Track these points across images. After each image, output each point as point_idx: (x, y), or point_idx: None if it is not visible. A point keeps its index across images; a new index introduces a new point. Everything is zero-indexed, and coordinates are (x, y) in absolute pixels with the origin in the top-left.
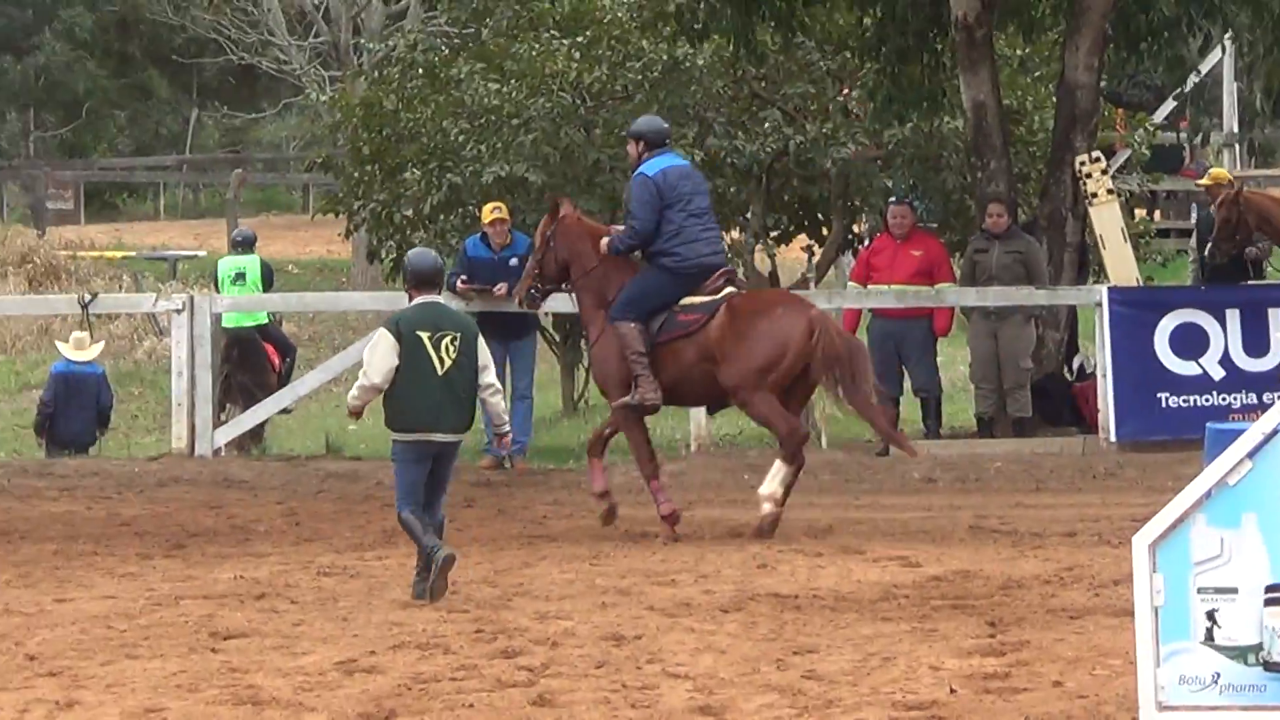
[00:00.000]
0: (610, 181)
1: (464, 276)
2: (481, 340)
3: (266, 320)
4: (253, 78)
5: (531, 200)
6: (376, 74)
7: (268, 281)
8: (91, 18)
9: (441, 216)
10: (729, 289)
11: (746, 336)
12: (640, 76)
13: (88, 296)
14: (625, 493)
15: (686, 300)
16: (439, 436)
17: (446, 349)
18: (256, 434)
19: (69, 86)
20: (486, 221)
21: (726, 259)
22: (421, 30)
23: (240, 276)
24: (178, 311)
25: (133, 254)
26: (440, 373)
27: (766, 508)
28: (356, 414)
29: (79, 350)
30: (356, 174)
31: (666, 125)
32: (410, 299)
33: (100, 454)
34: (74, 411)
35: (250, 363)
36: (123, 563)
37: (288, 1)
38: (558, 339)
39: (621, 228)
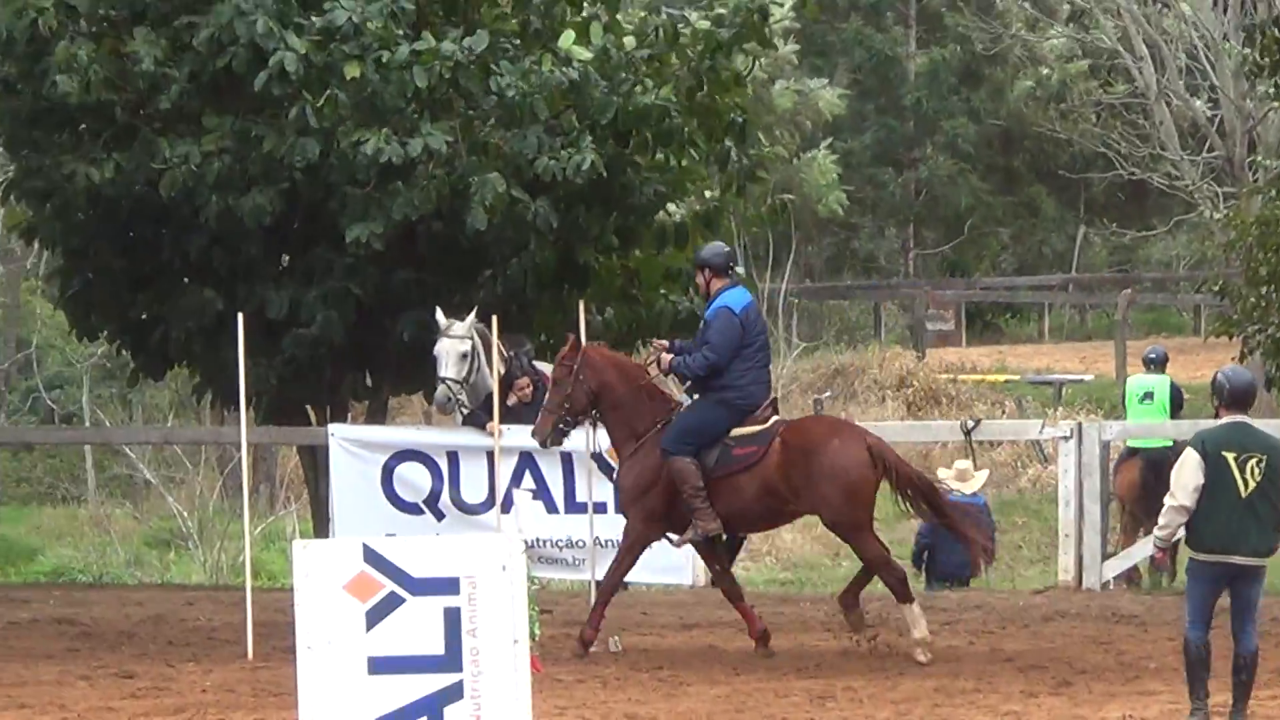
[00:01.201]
0: None
1: None
2: None
3: (1172, 443)
4: (1142, 194)
5: None
6: (1273, 191)
7: (1176, 403)
8: (974, 130)
9: None
10: (775, 417)
11: (818, 476)
12: None
13: (970, 422)
14: None
15: (738, 432)
16: (1238, 559)
17: (1251, 470)
18: None
19: (950, 202)
20: None
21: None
22: None
23: (1148, 395)
24: (1065, 438)
25: (1016, 377)
26: (1243, 494)
27: (922, 657)
28: (1161, 555)
29: (961, 481)
30: (1252, 296)
31: (728, 249)
32: (1218, 416)
33: (984, 587)
34: (954, 544)
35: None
36: (1005, 700)
37: (1180, 115)
38: None
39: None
